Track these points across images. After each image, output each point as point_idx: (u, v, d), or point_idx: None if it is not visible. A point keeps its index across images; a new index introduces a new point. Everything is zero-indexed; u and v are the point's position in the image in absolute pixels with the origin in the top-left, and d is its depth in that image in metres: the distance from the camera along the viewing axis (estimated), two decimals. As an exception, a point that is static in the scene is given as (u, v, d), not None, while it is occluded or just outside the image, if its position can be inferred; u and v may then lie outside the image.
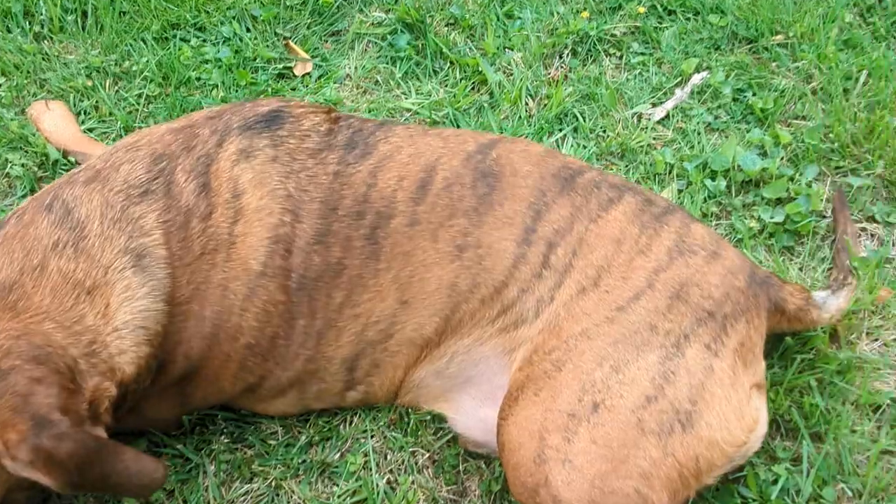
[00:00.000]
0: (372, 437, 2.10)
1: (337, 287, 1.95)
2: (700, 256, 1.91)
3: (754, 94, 2.93)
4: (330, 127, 2.05)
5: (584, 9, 3.22)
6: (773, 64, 3.06)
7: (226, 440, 2.08)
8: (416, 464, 2.07)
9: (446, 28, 3.18)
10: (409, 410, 2.11)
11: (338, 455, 2.08)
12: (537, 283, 1.92)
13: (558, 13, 3.22)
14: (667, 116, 2.90)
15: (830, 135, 2.78)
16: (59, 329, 1.76)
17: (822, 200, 2.62)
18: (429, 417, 2.10)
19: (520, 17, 3.21)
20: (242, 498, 2.02)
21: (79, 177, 1.92)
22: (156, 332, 1.85)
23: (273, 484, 2.03)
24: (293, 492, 2.02)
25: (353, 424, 2.13)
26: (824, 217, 2.61)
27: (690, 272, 1.88)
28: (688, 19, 3.21)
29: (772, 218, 2.57)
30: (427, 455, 2.08)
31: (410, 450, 2.08)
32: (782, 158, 2.74)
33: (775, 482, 2.01)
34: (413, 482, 2.03)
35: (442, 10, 3.21)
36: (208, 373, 1.95)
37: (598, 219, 1.94)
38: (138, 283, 1.82)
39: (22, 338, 1.70)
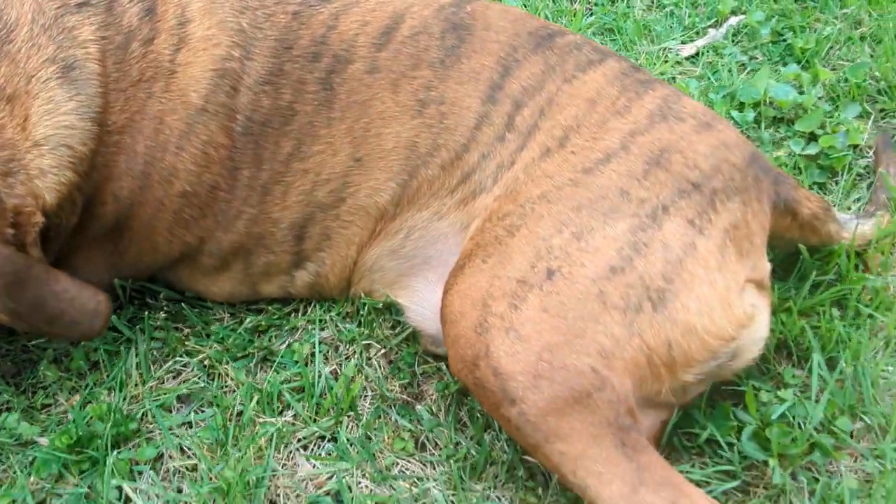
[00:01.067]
0: (323, 328, 1.90)
1: (286, 135, 1.78)
2: (688, 124, 1.68)
3: (795, 36, 2.69)
4: None
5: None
6: (819, 13, 2.82)
7: (163, 316, 1.90)
8: (368, 358, 1.86)
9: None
10: (364, 299, 1.91)
11: (284, 345, 1.89)
12: (499, 147, 1.72)
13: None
14: (697, 54, 2.69)
15: (877, 73, 2.52)
16: None
17: (861, 136, 2.35)
18: (381, 306, 1.89)
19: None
20: (169, 375, 1.83)
21: None
22: (81, 156, 1.68)
23: (206, 364, 1.84)
24: (227, 374, 1.82)
25: (307, 315, 1.94)
26: (863, 156, 2.34)
27: (674, 138, 1.65)
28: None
29: (803, 150, 2.32)
30: (382, 351, 1.87)
31: (364, 342, 1.87)
32: (820, 97, 2.49)
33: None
34: (360, 373, 1.82)
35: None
36: (141, 223, 1.78)
37: (573, 79, 1.74)
38: (64, 95, 1.66)
39: None
